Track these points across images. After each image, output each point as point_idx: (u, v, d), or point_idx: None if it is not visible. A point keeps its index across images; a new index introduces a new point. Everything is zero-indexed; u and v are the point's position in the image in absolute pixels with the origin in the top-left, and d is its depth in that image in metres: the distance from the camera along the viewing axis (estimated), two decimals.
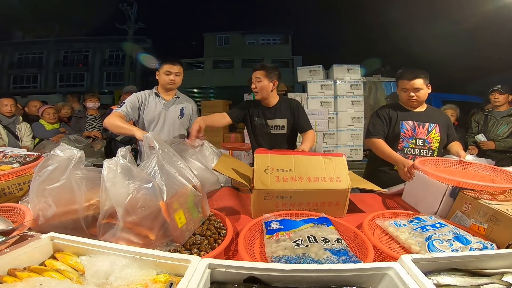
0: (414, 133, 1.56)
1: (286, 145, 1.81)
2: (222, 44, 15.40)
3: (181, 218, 0.79)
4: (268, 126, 1.78)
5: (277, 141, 1.78)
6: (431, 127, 1.57)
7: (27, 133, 2.84)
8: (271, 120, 1.77)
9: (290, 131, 1.79)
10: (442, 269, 0.57)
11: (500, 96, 2.70)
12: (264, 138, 1.81)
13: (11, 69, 16.51)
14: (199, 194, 0.87)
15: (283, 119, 1.77)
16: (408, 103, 1.59)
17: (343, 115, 3.75)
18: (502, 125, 2.69)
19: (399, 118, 1.58)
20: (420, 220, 0.90)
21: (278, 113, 1.77)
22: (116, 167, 0.73)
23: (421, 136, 1.56)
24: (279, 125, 1.78)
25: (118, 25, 13.77)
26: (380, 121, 1.62)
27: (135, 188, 0.71)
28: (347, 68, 3.83)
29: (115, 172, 0.72)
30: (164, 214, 0.73)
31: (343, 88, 3.76)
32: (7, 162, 1.18)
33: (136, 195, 0.71)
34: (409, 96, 1.54)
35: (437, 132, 1.57)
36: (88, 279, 0.56)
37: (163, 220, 0.73)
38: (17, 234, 0.68)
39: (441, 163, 1.28)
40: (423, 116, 1.60)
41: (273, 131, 1.78)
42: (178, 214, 0.78)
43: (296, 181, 1.02)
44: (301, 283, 0.52)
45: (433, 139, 1.56)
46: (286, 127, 1.78)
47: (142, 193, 0.72)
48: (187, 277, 0.50)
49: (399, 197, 1.30)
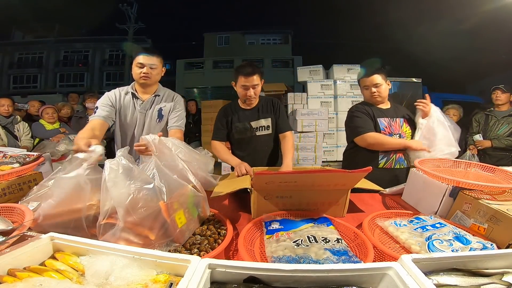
0: (391, 130, 1.60)
1: (271, 146, 1.71)
2: (222, 44, 15.39)
3: (181, 218, 0.80)
4: (253, 128, 1.66)
5: (262, 143, 1.69)
6: (401, 121, 1.63)
7: (26, 133, 2.84)
8: (255, 122, 1.66)
9: (274, 131, 1.70)
10: (442, 269, 0.57)
11: (502, 94, 2.70)
12: (248, 141, 1.68)
13: (11, 69, 16.50)
14: (199, 194, 0.87)
15: (268, 118, 1.67)
16: (372, 100, 1.65)
17: (343, 115, 3.74)
18: (503, 125, 2.70)
19: (376, 115, 1.61)
20: (420, 220, 0.90)
21: (261, 113, 1.66)
22: (118, 167, 0.73)
23: (396, 131, 1.61)
24: (264, 125, 1.67)
25: (118, 25, 13.76)
26: (366, 118, 1.60)
27: (136, 189, 0.71)
28: (347, 68, 3.84)
29: (116, 172, 0.72)
30: (164, 214, 0.73)
31: (343, 88, 3.76)
32: (7, 162, 1.18)
33: (137, 195, 0.71)
34: (371, 92, 1.61)
35: (407, 126, 1.64)
36: (88, 279, 0.56)
37: (163, 220, 0.74)
38: (17, 234, 0.68)
39: (441, 163, 1.28)
40: (392, 112, 1.65)
41: (258, 133, 1.67)
42: (178, 214, 0.78)
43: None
44: (301, 283, 0.52)
45: (406, 133, 1.62)
46: (271, 126, 1.68)
47: (143, 194, 0.72)
48: (187, 277, 0.50)
49: (399, 197, 1.30)
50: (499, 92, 2.72)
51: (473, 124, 2.91)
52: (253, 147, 1.68)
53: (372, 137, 1.55)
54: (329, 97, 3.76)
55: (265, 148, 1.70)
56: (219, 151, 1.64)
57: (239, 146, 1.72)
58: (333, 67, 3.88)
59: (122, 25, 13.76)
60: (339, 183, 0.99)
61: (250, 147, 1.68)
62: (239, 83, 1.56)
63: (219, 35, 15.44)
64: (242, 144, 1.70)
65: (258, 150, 1.68)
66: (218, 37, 15.44)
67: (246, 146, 1.69)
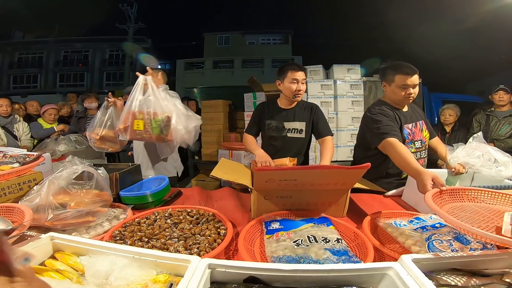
0: (413, 136, 1.43)
1: (301, 151, 1.68)
2: (222, 44, 15.39)
3: (139, 125, 1.48)
4: (285, 128, 1.65)
5: (292, 145, 1.65)
6: (421, 125, 1.47)
7: (26, 132, 2.84)
8: (288, 123, 1.64)
9: (308, 136, 1.67)
10: (442, 269, 0.57)
11: (505, 95, 2.69)
12: (278, 141, 1.66)
13: (11, 69, 16.50)
14: (167, 123, 1.47)
15: (302, 122, 1.64)
16: (404, 101, 1.42)
17: (343, 115, 3.75)
18: (504, 125, 2.68)
19: (402, 121, 1.40)
20: (420, 220, 0.90)
21: (297, 116, 1.64)
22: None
23: (418, 137, 1.44)
24: (297, 129, 1.64)
25: (118, 25, 13.79)
26: (392, 122, 1.36)
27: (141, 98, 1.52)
28: (347, 68, 3.83)
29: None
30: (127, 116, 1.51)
31: (343, 88, 3.76)
32: (7, 162, 1.18)
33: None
34: (408, 93, 1.35)
35: (426, 129, 1.49)
36: (87, 279, 0.56)
37: (129, 118, 1.50)
38: (16, 234, 0.68)
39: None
40: (411, 114, 1.47)
41: (289, 134, 1.65)
42: (137, 121, 1.48)
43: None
44: (301, 283, 0.52)
45: (425, 138, 1.48)
46: (305, 131, 1.64)
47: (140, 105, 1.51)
48: (187, 277, 0.50)
49: (399, 197, 1.30)
50: (502, 92, 2.70)
51: (474, 125, 2.89)
52: (282, 147, 1.65)
53: (392, 145, 1.24)
54: (329, 97, 3.75)
55: (294, 151, 1.65)
56: (249, 143, 1.67)
57: (269, 144, 1.69)
58: (333, 67, 3.87)
59: (122, 25, 13.78)
60: (339, 181, 0.98)
61: (279, 147, 1.66)
62: (288, 78, 1.55)
63: (219, 35, 15.45)
64: (272, 143, 1.68)
65: (286, 152, 1.62)
66: (218, 37, 15.44)
67: (275, 145, 1.67)
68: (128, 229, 0.88)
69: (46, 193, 0.86)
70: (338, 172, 0.94)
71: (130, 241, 0.81)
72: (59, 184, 0.90)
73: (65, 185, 0.91)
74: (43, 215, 0.82)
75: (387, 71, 1.42)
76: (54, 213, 0.83)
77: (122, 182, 1.22)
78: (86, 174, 0.98)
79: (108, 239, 0.82)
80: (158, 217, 0.98)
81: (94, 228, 0.91)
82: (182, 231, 0.87)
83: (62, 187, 0.90)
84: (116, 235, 0.84)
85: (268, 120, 1.67)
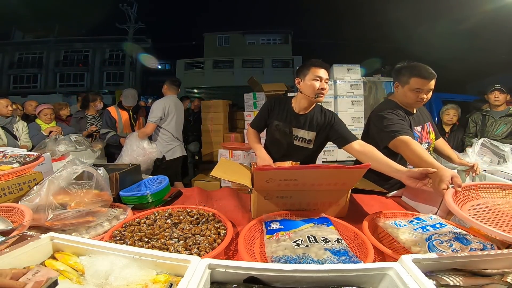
0: (421, 139, 1.40)
1: (308, 161, 1.52)
2: (222, 44, 15.41)
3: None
4: (292, 135, 1.49)
5: (299, 153, 1.50)
6: (428, 127, 1.45)
7: (25, 132, 2.84)
8: (297, 129, 1.48)
9: (317, 148, 1.52)
10: (442, 269, 0.57)
11: (500, 95, 2.69)
12: (282, 146, 1.52)
13: (11, 69, 16.51)
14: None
15: (312, 132, 1.47)
16: (414, 106, 1.37)
17: (343, 115, 3.74)
18: (501, 125, 2.68)
19: (412, 124, 1.36)
20: (420, 220, 0.90)
21: (308, 124, 1.47)
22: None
23: (425, 139, 1.41)
24: (305, 138, 1.49)
25: (118, 25, 13.80)
26: (403, 121, 1.31)
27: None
28: (347, 68, 3.83)
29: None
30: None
31: (343, 88, 3.76)
32: (7, 162, 1.18)
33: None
34: (421, 97, 1.29)
35: (433, 131, 1.47)
36: (87, 279, 0.56)
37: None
38: (16, 234, 0.68)
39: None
40: (419, 116, 1.44)
41: (295, 142, 1.50)
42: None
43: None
44: (301, 283, 0.52)
45: (432, 139, 1.47)
46: (313, 142, 1.49)
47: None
48: (187, 277, 0.49)
49: (399, 197, 1.30)
50: (497, 92, 2.70)
51: (470, 125, 2.88)
52: (286, 154, 1.52)
53: (405, 142, 1.19)
54: (329, 97, 3.75)
55: (300, 159, 1.47)
56: (251, 138, 1.59)
57: (273, 147, 1.57)
58: (333, 67, 3.87)
59: (122, 25, 13.79)
60: (339, 181, 0.98)
61: (283, 153, 1.52)
62: (310, 75, 1.37)
63: (219, 35, 15.47)
64: (276, 146, 1.56)
65: (291, 158, 1.47)
66: (218, 37, 15.47)
67: (279, 149, 1.54)
68: (128, 229, 0.88)
69: (46, 193, 0.86)
70: (338, 172, 0.94)
71: (130, 241, 0.81)
72: (59, 184, 0.90)
73: (65, 185, 0.91)
74: (43, 215, 0.82)
75: (403, 72, 1.35)
76: (54, 213, 0.83)
77: (122, 182, 1.22)
78: (86, 174, 0.98)
79: (108, 239, 0.82)
80: (158, 217, 0.98)
81: (94, 228, 0.91)
82: (182, 231, 0.87)
83: (62, 187, 0.90)
84: (116, 235, 0.84)
85: (276, 120, 1.52)
